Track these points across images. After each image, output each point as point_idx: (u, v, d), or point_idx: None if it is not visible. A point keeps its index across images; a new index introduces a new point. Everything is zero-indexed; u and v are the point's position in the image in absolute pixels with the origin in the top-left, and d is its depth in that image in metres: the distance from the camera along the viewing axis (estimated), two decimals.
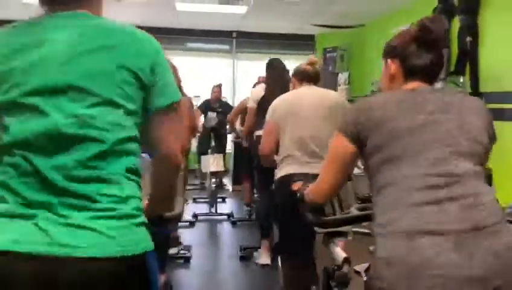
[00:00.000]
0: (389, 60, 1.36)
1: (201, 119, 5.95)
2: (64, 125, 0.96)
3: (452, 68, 4.48)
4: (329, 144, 1.37)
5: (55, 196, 0.95)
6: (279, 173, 2.46)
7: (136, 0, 5.62)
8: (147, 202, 1.22)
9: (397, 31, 4.18)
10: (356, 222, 1.50)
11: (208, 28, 7.58)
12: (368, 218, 1.48)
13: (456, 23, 4.40)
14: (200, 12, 6.25)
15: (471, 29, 4.24)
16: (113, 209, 0.97)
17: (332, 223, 1.56)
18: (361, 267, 1.65)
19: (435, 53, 1.31)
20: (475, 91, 4.20)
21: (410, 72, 1.32)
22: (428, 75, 1.32)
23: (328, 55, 7.44)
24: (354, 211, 1.50)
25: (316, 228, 1.76)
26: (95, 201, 0.96)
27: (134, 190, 1.03)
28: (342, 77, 6.81)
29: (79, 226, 0.94)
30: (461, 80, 4.40)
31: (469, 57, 4.28)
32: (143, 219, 1.03)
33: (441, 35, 1.29)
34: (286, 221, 2.47)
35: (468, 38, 4.23)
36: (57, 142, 0.96)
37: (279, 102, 2.52)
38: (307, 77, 2.56)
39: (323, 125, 2.39)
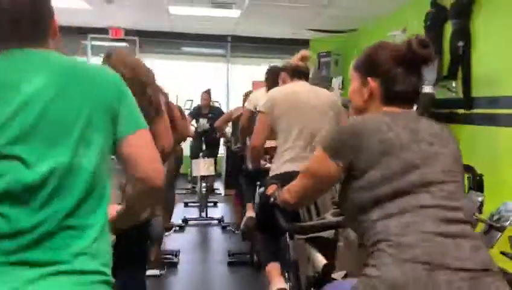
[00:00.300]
0: (369, 78, 1.26)
1: (193, 124, 5.92)
2: (45, 175, 0.93)
3: (444, 73, 4.45)
4: (312, 156, 1.31)
5: (19, 252, 0.91)
6: (280, 168, 2.37)
7: (128, 3, 5.59)
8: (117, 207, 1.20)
9: (393, 35, 4.09)
10: (330, 228, 1.44)
11: (202, 32, 7.56)
12: (343, 224, 1.43)
13: (449, 28, 4.38)
14: (193, 16, 6.22)
15: (463, 34, 4.21)
16: (78, 265, 0.94)
17: (307, 230, 1.51)
18: (338, 275, 1.59)
19: (417, 76, 1.25)
20: (467, 96, 4.16)
21: (391, 97, 1.24)
22: (409, 100, 1.26)
23: (322, 59, 7.42)
24: (329, 217, 1.45)
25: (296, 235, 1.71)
26: (60, 256, 0.93)
27: (105, 242, 1.00)
28: (336, 82, 6.78)
29: (37, 283, 0.90)
30: (453, 85, 4.37)
31: (461, 61, 4.25)
32: (108, 277, 0.99)
33: (428, 59, 1.23)
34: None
35: (461, 43, 4.20)
36: (37, 193, 0.93)
37: (277, 96, 2.47)
38: (298, 72, 2.54)
39: (323, 120, 2.39)
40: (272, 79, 3.51)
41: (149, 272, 3.21)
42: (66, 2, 5.59)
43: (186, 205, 5.73)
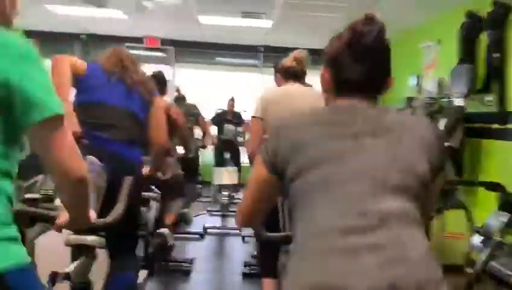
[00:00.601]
0: (323, 69, 1.15)
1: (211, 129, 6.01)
2: None
3: (479, 86, 4.23)
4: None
5: None
6: None
7: (159, 13, 5.70)
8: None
9: (426, 46, 3.94)
10: None
11: (235, 42, 7.60)
12: None
13: (484, 39, 4.17)
14: (224, 26, 6.27)
15: (499, 45, 3.99)
16: None
17: (279, 240, 1.43)
18: None
19: (371, 63, 1.08)
20: (502, 110, 3.93)
21: (341, 87, 1.12)
22: (365, 90, 1.10)
23: None
24: None
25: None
26: None
27: None
28: None
29: None
30: (487, 98, 4.14)
31: (496, 74, 4.03)
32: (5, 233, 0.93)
33: (376, 39, 1.07)
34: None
35: (496, 55, 3.99)
36: None
37: (269, 100, 2.40)
38: (290, 74, 2.45)
39: None
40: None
41: (161, 230, 3.35)
42: (104, 12, 5.79)
43: (209, 213, 5.72)
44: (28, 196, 1.24)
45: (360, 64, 1.08)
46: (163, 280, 3.50)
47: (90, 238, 1.76)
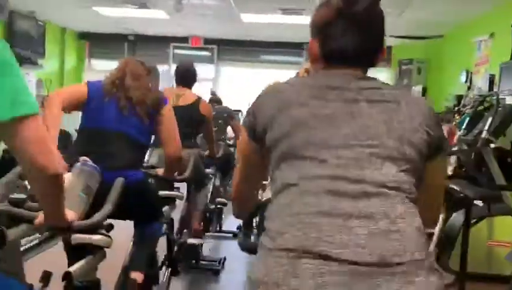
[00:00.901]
0: (311, 40, 1.07)
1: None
2: None
3: None
4: None
5: None
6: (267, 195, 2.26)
7: (200, 12, 5.74)
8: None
9: (478, 41, 3.72)
10: None
11: (277, 40, 7.53)
12: None
13: None
14: (266, 23, 6.21)
15: None
16: None
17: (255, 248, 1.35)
18: None
19: (364, 33, 1.01)
20: None
21: (330, 58, 1.03)
22: (356, 62, 1.02)
23: (403, 67, 6.98)
24: None
25: None
26: None
27: None
28: (416, 90, 6.31)
29: None
30: None
31: None
32: None
33: (369, 7, 0.99)
34: None
35: None
36: None
37: None
38: None
39: None
40: None
41: (189, 241, 3.36)
42: (148, 12, 5.94)
43: None
44: (14, 196, 1.26)
45: (351, 34, 1.00)
46: (192, 278, 3.52)
47: (96, 237, 1.76)
